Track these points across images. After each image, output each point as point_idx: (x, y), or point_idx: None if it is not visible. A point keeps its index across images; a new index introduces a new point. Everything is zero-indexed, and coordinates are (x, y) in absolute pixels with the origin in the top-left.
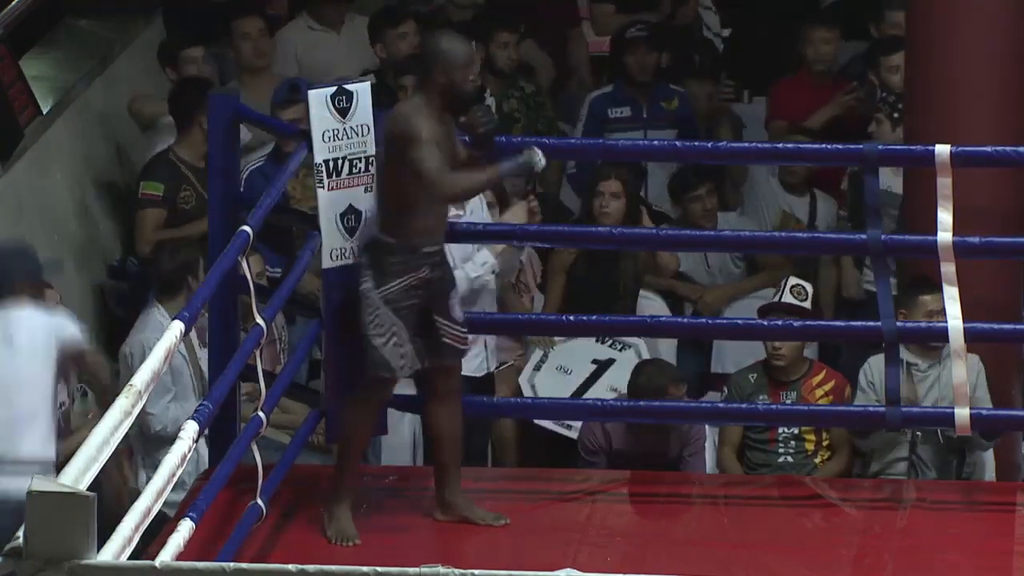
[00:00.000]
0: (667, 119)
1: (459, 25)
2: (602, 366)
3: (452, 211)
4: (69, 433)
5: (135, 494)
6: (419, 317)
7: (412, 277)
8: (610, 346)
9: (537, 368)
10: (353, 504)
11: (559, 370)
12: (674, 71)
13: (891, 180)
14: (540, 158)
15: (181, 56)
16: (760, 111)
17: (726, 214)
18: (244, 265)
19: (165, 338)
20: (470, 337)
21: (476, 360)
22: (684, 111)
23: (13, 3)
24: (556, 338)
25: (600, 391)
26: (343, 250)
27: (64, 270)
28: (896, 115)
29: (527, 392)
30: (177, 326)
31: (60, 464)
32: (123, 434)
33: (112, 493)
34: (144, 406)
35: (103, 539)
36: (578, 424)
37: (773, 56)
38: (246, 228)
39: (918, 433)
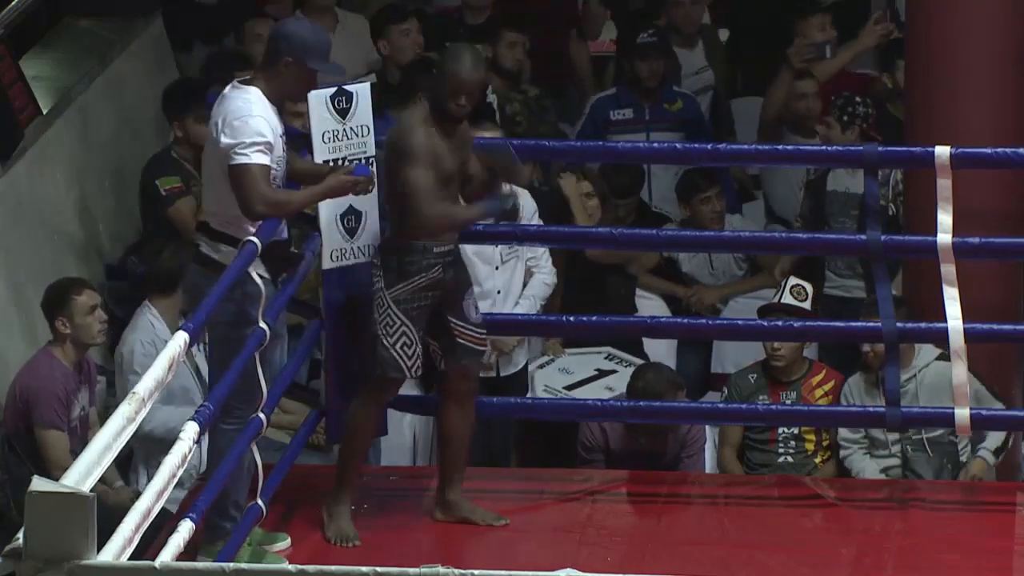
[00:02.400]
0: (670, 121)
1: (472, 28)
2: (603, 373)
3: None
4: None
5: (135, 495)
6: (432, 318)
7: (424, 278)
8: (616, 363)
9: (541, 367)
10: (353, 504)
11: (560, 371)
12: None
13: (849, 181)
14: (521, 208)
15: (246, 30)
16: (754, 108)
17: (730, 216)
18: (254, 276)
19: (169, 348)
20: (487, 338)
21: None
22: (690, 112)
23: (13, 3)
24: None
25: (596, 390)
26: (343, 251)
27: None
28: (845, 118)
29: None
30: (181, 336)
31: None
32: (126, 440)
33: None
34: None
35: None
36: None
37: (770, 52)
38: (253, 239)
39: (908, 446)
